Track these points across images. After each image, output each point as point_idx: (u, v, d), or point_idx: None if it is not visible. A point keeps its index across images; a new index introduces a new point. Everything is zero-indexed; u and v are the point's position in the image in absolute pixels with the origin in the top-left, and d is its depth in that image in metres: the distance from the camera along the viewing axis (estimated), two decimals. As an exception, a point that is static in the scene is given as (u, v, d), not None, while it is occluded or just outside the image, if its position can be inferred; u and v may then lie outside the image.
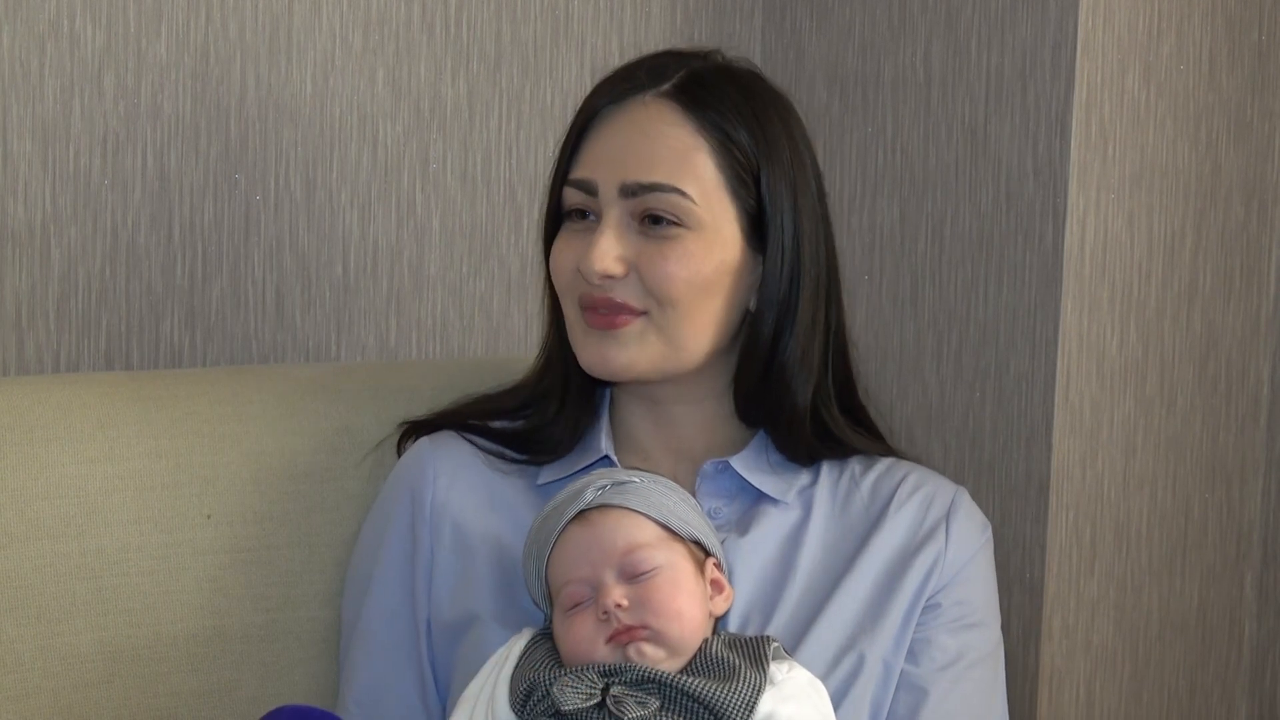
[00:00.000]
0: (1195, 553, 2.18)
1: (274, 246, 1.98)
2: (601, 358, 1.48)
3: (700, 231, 1.46)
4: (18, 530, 1.50)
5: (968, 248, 2.10)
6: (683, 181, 1.45)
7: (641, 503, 1.38)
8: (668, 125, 1.47)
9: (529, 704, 1.34)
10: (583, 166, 1.49)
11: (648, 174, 1.45)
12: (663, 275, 1.45)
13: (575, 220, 1.50)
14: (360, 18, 2.01)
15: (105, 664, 1.53)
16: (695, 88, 1.49)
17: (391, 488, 1.58)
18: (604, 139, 1.49)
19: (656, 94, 1.48)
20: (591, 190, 1.48)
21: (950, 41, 2.11)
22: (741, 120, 1.48)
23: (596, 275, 1.45)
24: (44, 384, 1.60)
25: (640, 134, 1.47)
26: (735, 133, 1.47)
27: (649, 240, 1.46)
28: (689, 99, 1.48)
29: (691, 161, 1.46)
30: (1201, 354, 2.15)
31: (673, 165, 1.46)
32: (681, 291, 1.46)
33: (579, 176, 1.49)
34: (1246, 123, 2.15)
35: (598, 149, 1.49)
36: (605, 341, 1.47)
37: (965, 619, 1.51)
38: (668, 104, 1.48)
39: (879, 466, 1.57)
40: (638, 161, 1.46)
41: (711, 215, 1.47)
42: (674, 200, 1.45)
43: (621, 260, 1.46)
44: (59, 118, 1.84)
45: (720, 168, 1.47)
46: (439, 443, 1.58)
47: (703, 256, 1.46)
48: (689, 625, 1.35)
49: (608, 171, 1.47)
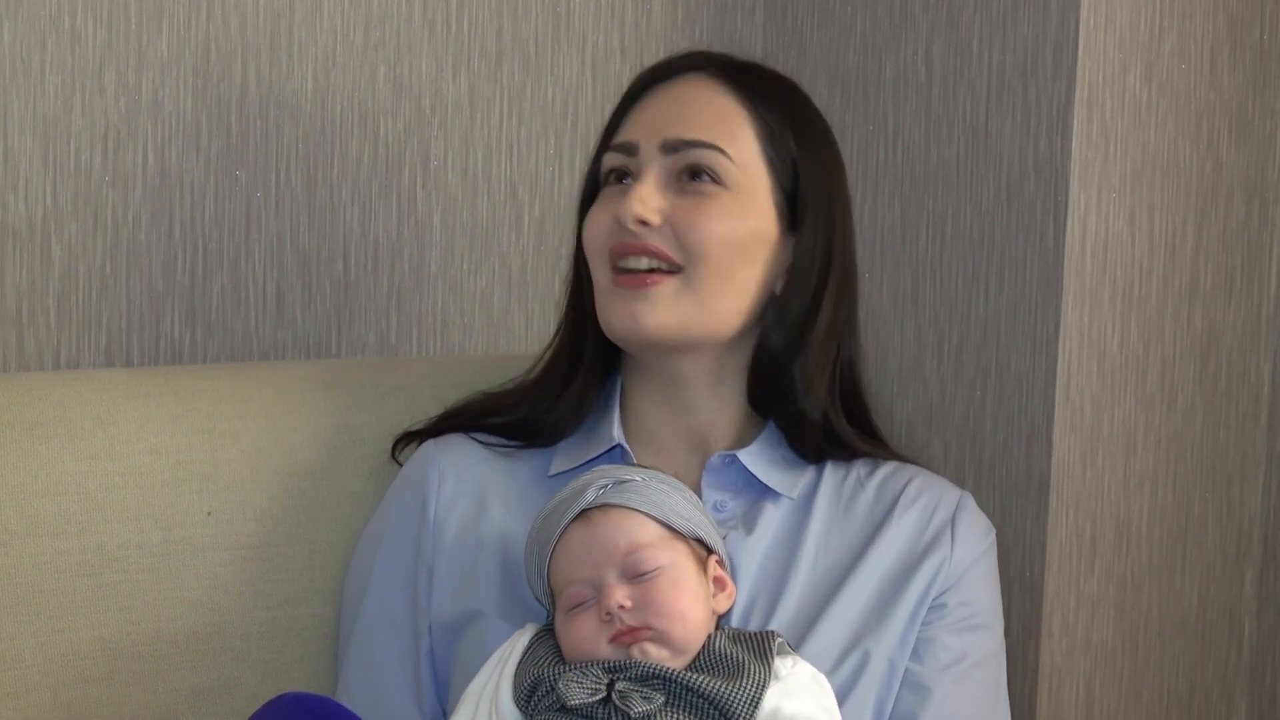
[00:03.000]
0: (1195, 551, 2.18)
1: (274, 243, 1.98)
2: (632, 317, 1.48)
3: (736, 193, 1.49)
4: (18, 527, 1.50)
5: (969, 246, 2.10)
6: (723, 141, 1.49)
7: (643, 501, 1.38)
8: (712, 94, 1.52)
9: (533, 699, 1.34)
10: (625, 132, 1.53)
11: (689, 131, 1.49)
12: (700, 229, 1.47)
13: (612, 184, 1.53)
14: (361, 14, 2.01)
15: (105, 661, 1.53)
16: (742, 71, 1.55)
17: (396, 491, 1.58)
18: (648, 107, 1.53)
19: (704, 72, 1.53)
20: (632, 150, 1.51)
21: (951, 40, 2.11)
22: (784, 107, 1.53)
23: (632, 219, 1.47)
24: (44, 380, 1.60)
25: (684, 100, 1.52)
26: (776, 115, 1.52)
27: (686, 196, 1.48)
28: (735, 77, 1.53)
29: (732, 126, 1.50)
30: (1202, 352, 2.15)
31: (714, 126, 1.49)
32: (716, 247, 1.47)
33: (621, 139, 1.53)
34: (1248, 121, 2.15)
35: (641, 116, 1.53)
36: (635, 301, 1.48)
37: (969, 620, 1.52)
38: (713, 79, 1.53)
39: (885, 469, 1.58)
40: (680, 121, 1.50)
41: (748, 180, 1.49)
42: (713, 157, 1.48)
43: (659, 211, 1.48)
44: (60, 114, 1.84)
45: (760, 138, 1.51)
46: (444, 445, 1.58)
47: (738, 217, 1.48)
48: (692, 625, 1.35)
49: (650, 132, 1.51)
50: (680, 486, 1.43)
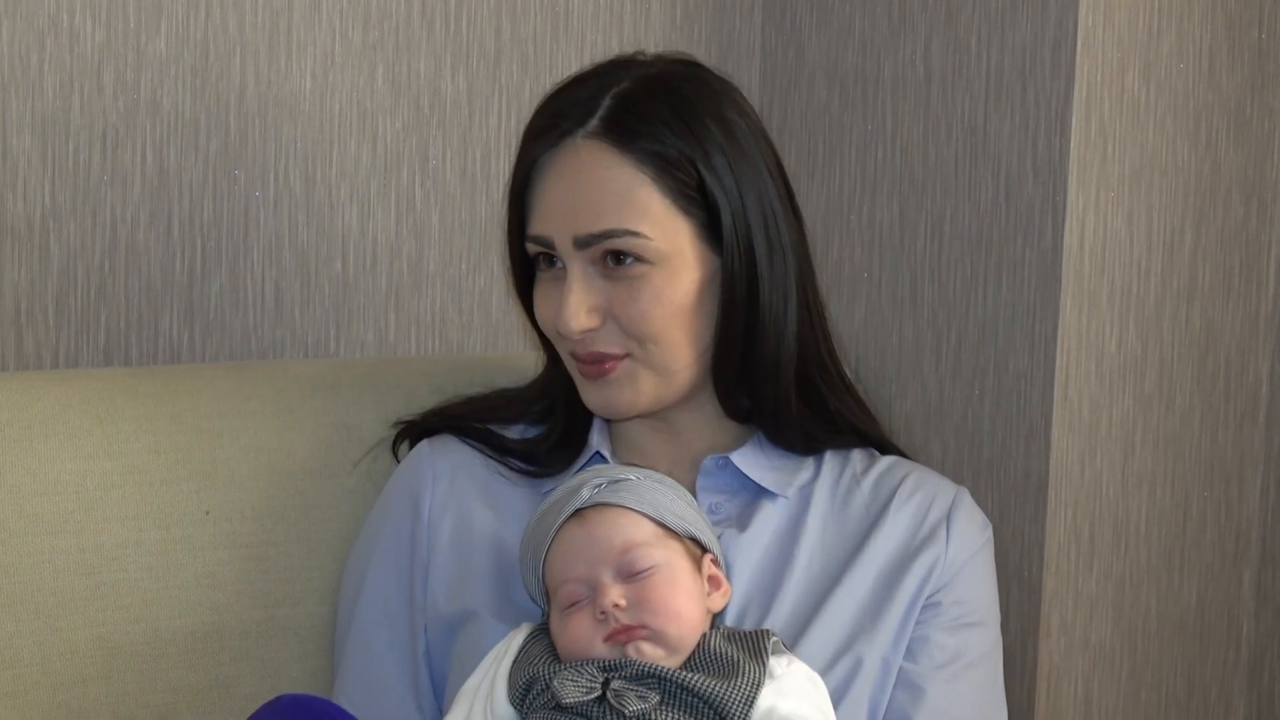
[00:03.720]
0: (1193, 551, 2.18)
1: (273, 242, 1.98)
2: (604, 401, 1.50)
3: (664, 263, 1.46)
4: (16, 526, 1.50)
5: (967, 246, 2.10)
6: (633, 222, 1.45)
7: (637, 500, 1.38)
8: (604, 169, 1.46)
9: (528, 698, 1.34)
10: (535, 222, 1.49)
11: (598, 223, 1.45)
12: (638, 316, 1.46)
13: (546, 268, 1.51)
14: (360, 13, 2.01)
15: (103, 660, 1.53)
16: (621, 116, 1.47)
17: (391, 492, 1.58)
18: (547, 192, 1.48)
19: (585, 135, 1.47)
20: (549, 245, 1.48)
21: (950, 39, 2.11)
22: (673, 133, 1.46)
23: (574, 334, 1.47)
24: (43, 380, 1.60)
25: (580, 182, 1.46)
26: (670, 150, 1.46)
27: (617, 283, 1.46)
28: (619, 132, 1.46)
29: (636, 199, 1.45)
30: (1200, 352, 2.15)
31: (620, 208, 1.45)
32: (659, 326, 1.47)
33: (534, 233, 1.49)
34: (1246, 121, 2.15)
35: (544, 203, 1.48)
36: (604, 387, 1.49)
37: (964, 618, 1.51)
38: (599, 144, 1.46)
39: (881, 465, 1.57)
40: (585, 212, 1.45)
41: (670, 243, 1.46)
42: (630, 241, 1.45)
43: (595, 311, 1.46)
44: (58, 113, 1.84)
45: (665, 193, 1.46)
46: (439, 446, 1.58)
47: (673, 287, 1.46)
48: (687, 624, 1.35)
49: (559, 226, 1.47)
50: (675, 485, 1.43)
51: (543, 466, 1.57)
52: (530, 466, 1.57)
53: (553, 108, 1.51)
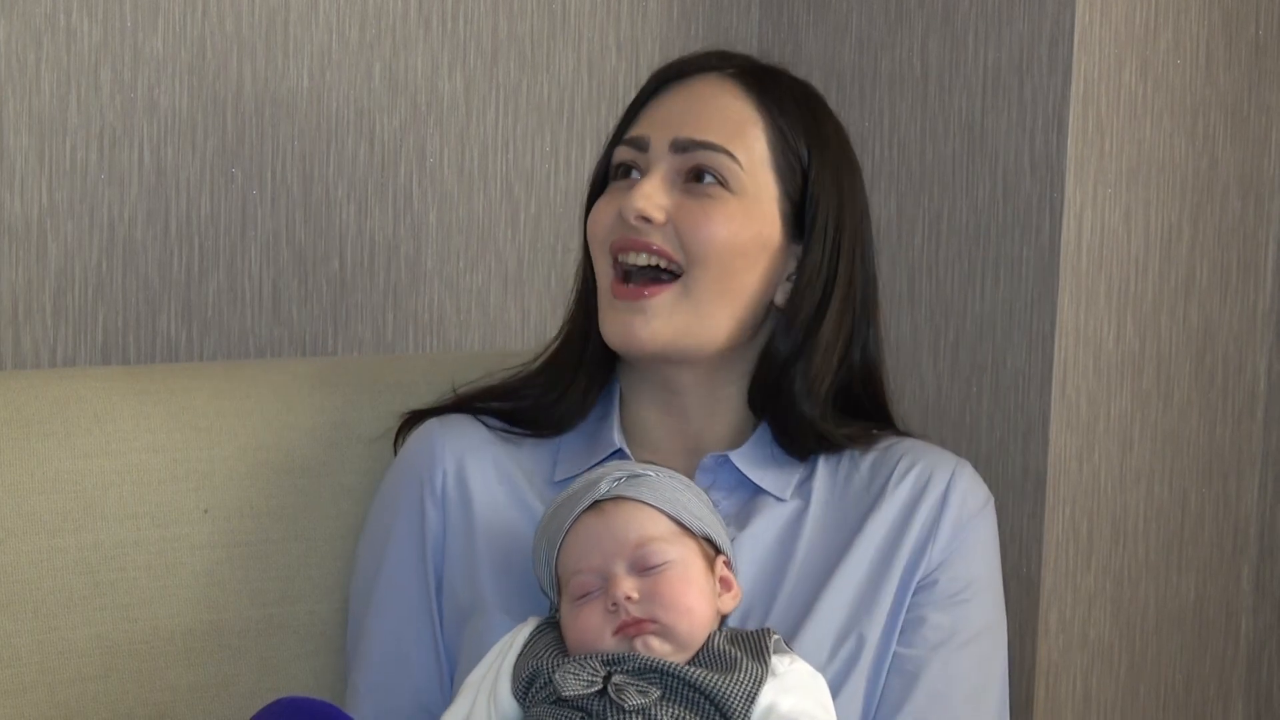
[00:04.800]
0: (1192, 547, 2.18)
1: (271, 241, 1.98)
2: (628, 328, 1.48)
3: (741, 198, 1.49)
4: (14, 525, 1.50)
5: (965, 242, 2.10)
6: (733, 146, 1.49)
7: (656, 496, 1.38)
8: (728, 97, 1.52)
9: (531, 691, 1.34)
10: (637, 127, 1.53)
11: (700, 132, 1.49)
12: (703, 231, 1.47)
13: (620, 178, 1.53)
14: (357, 11, 2.01)
15: (102, 659, 1.53)
16: (759, 74, 1.54)
17: (401, 468, 1.57)
18: (663, 104, 1.53)
19: (720, 73, 1.54)
20: (643, 146, 1.51)
21: (947, 36, 2.11)
22: (799, 114, 1.53)
23: (635, 214, 1.47)
24: (40, 378, 1.60)
25: (699, 100, 1.52)
26: (790, 121, 1.52)
27: (691, 197, 1.48)
28: (752, 81, 1.53)
29: (744, 132, 1.50)
30: (1198, 348, 2.15)
31: (726, 130, 1.49)
32: (717, 251, 1.47)
33: (632, 134, 1.53)
34: (1243, 117, 2.15)
35: (655, 112, 1.53)
36: (631, 313, 1.48)
37: (960, 594, 1.50)
38: (730, 81, 1.53)
39: (879, 446, 1.57)
40: (693, 121, 1.50)
41: (755, 186, 1.49)
42: (722, 161, 1.48)
43: (662, 209, 1.48)
44: (55, 112, 1.84)
45: (771, 146, 1.51)
46: (449, 424, 1.57)
47: (742, 222, 1.48)
48: (698, 621, 1.35)
49: (662, 129, 1.51)
50: (692, 485, 1.43)
51: (545, 424, 1.56)
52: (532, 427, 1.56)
53: (691, 56, 1.57)
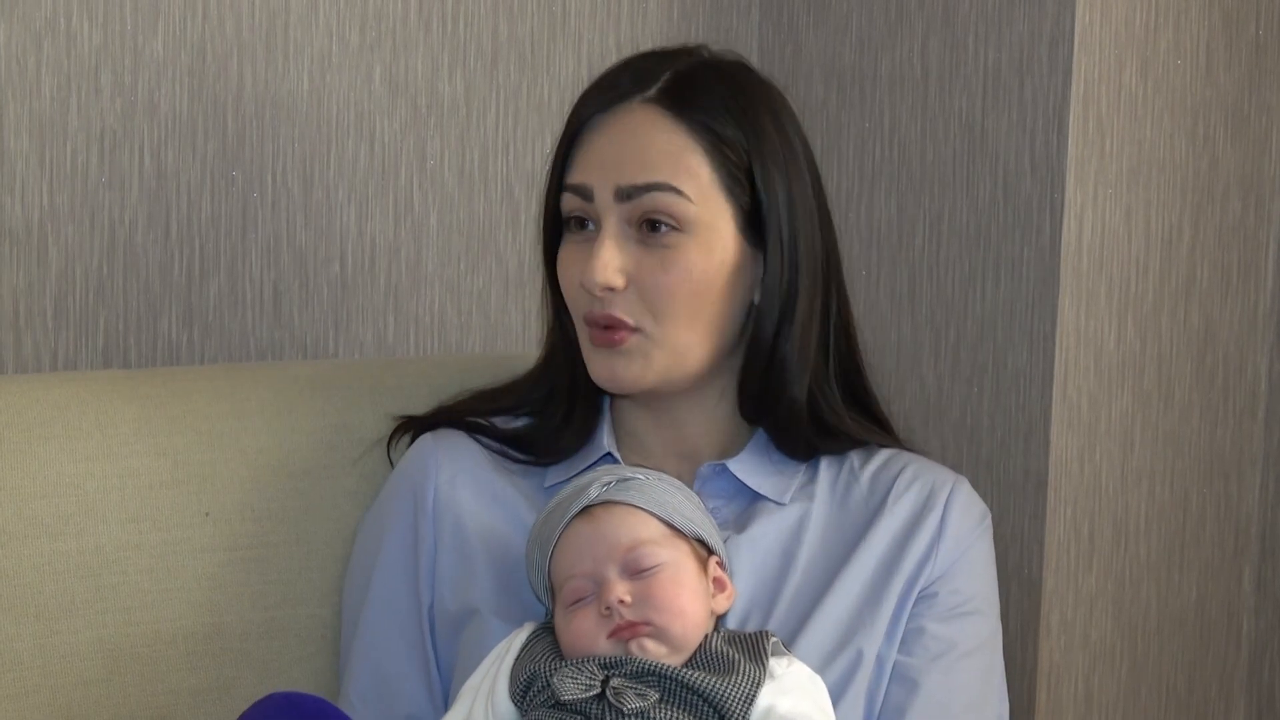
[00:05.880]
0: (1193, 547, 2.18)
1: (271, 243, 1.98)
2: (611, 373, 1.49)
3: (698, 235, 1.46)
4: (16, 529, 1.50)
5: (965, 243, 2.10)
6: (678, 180, 1.45)
7: (646, 499, 1.38)
8: (657, 129, 1.47)
9: (529, 695, 1.34)
10: (577, 172, 1.49)
11: (643, 175, 1.45)
12: (663, 288, 1.45)
13: (575, 230, 1.51)
14: (357, 14, 2.01)
15: (104, 662, 1.53)
16: (681, 89, 1.49)
17: (394, 482, 1.58)
18: (596, 145, 1.49)
19: (643, 100, 1.48)
20: (588, 195, 1.48)
21: (947, 37, 2.11)
22: (730, 117, 1.48)
23: (598, 287, 1.45)
24: (42, 382, 1.60)
25: (632, 138, 1.47)
26: (725, 130, 1.47)
27: (649, 250, 1.46)
28: (676, 101, 1.48)
29: (685, 162, 1.46)
30: (1199, 349, 2.15)
31: (667, 166, 1.46)
32: (681, 303, 1.46)
33: (575, 181, 1.49)
34: (1244, 118, 2.15)
35: (591, 155, 1.49)
36: (612, 358, 1.48)
37: (960, 608, 1.51)
38: (655, 109, 1.48)
39: (879, 458, 1.57)
40: (632, 164, 1.46)
41: (709, 214, 1.46)
42: (671, 200, 1.45)
43: (622, 272, 1.46)
44: (56, 115, 1.84)
45: (714, 167, 1.47)
46: (442, 439, 1.58)
47: (703, 264, 1.46)
48: (691, 622, 1.35)
49: (602, 176, 1.47)
50: (682, 487, 1.44)
51: (545, 453, 1.56)
52: (531, 454, 1.56)
53: (608, 79, 1.52)
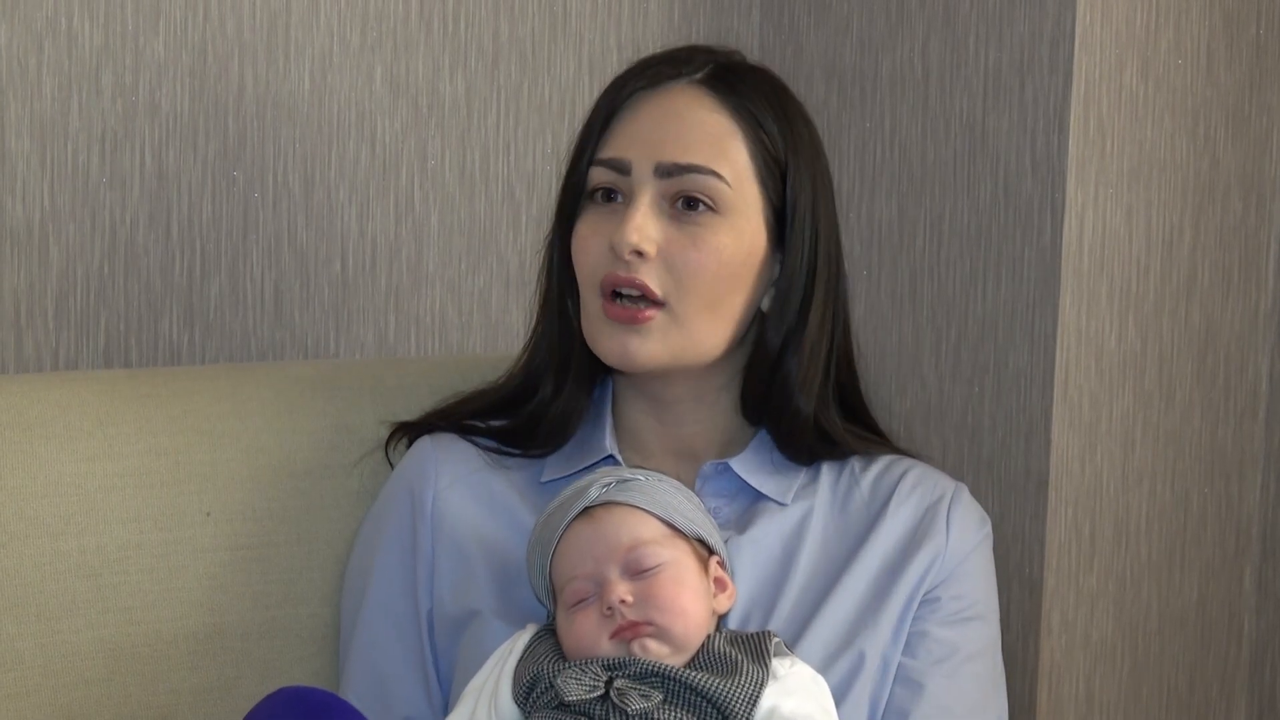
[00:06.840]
0: (1194, 547, 2.18)
1: (272, 244, 1.98)
2: (623, 349, 1.47)
3: (730, 218, 1.47)
4: (16, 528, 1.50)
5: (966, 243, 2.10)
6: (719, 165, 1.46)
7: (646, 500, 1.38)
8: (704, 110, 1.48)
9: (532, 696, 1.34)
10: (614, 146, 1.49)
11: (685, 155, 1.46)
12: (693, 264, 1.45)
13: (601, 202, 1.50)
14: (358, 14, 2.01)
15: (105, 662, 1.53)
16: (727, 75, 1.51)
17: (392, 486, 1.58)
18: (638, 120, 1.49)
19: (690, 81, 1.50)
20: (624, 169, 1.48)
21: (948, 37, 2.11)
22: (771, 113, 1.50)
23: (629, 248, 1.45)
24: (43, 382, 1.60)
25: (676, 117, 1.48)
26: (766, 123, 1.49)
27: (680, 226, 1.46)
28: (723, 87, 1.50)
29: (726, 146, 1.47)
30: (1200, 348, 2.15)
31: (709, 148, 1.47)
32: (706, 280, 1.46)
33: (610, 155, 1.49)
34: (1245, 118, 2.15)
35: (631, 129, 1.49)
36: (627, 334, 1.47)
37: (962, 613, 1.52)
38: (702, 90, 1.49)
39: (879, 463, 1.57)
40: (675, 143, 1.47)
41: (742, 201, 1.47)
42: (710, 183, 1.46)
43: (654, 242, 1.46)
44: (57, 116, 1.84)
45: (751, 155, 1.48)
46: (440, 442, 1.58)
47: (731, 245, 1.47)
48: (693, 622, 1.35)
49: (643, 151, 1.47)
50: (682, 487, 1.44)
51: (535, 441, 1.55)
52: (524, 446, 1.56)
53: (649, 62, 1.53)
